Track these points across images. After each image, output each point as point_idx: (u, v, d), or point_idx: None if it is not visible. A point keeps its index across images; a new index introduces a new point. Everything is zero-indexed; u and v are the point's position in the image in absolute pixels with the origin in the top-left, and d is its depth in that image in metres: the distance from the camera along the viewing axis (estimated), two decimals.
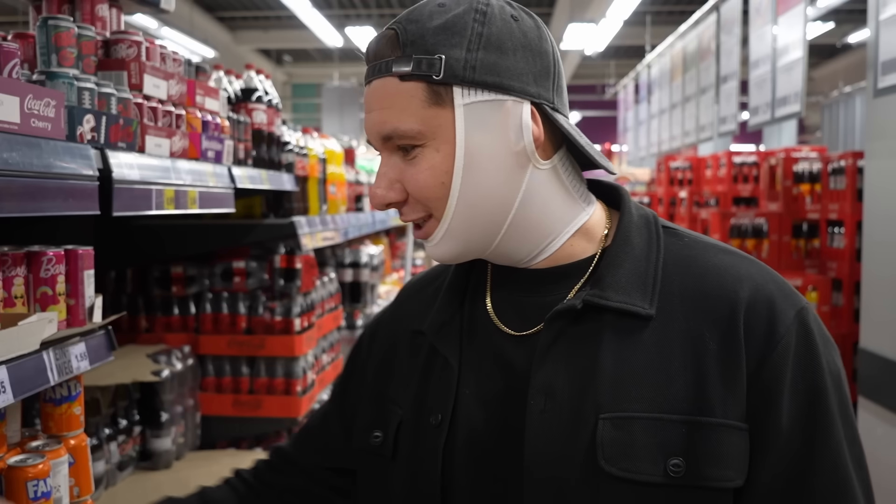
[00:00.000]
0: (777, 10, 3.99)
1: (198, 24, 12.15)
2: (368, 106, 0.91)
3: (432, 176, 0.89)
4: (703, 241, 0.96)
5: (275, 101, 2.41)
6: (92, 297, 1.28)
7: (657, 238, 0.94)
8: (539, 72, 0.90)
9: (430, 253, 0.95)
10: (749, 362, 0.85)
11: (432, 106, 0.87)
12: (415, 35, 0.87)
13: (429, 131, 0.88)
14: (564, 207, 0.94)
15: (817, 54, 14.93)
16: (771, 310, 0.87)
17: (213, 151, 1.80)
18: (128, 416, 2.14)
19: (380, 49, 0.90)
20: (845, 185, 3.77)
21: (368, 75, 0.91)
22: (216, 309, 2.49)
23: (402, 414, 0.99)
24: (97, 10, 1.56)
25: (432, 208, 0.91)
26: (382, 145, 0.91)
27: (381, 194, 0.91)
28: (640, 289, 0.90)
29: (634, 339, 0.88)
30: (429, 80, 0.87)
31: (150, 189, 1.43)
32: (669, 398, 0.85)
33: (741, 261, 0.92)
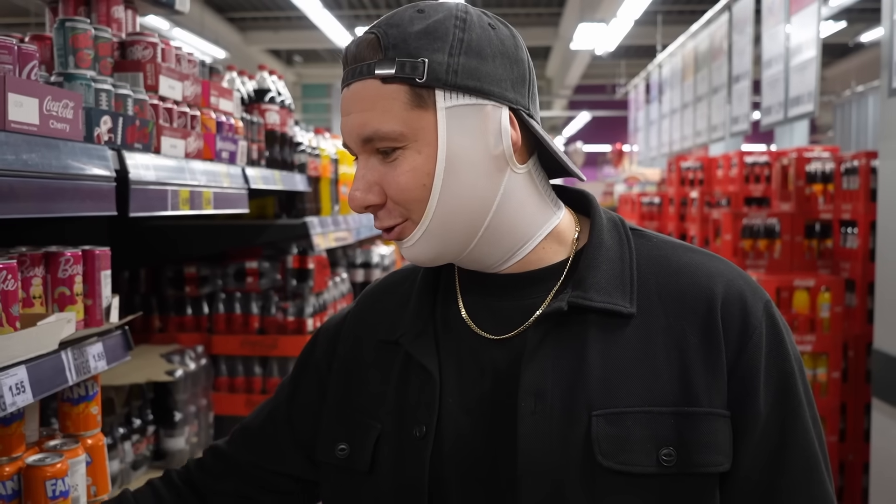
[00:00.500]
0: (790, 9, 3.97)
1: (208, 24, 12.19)
2: (346, 108, 0.91)
3: (414, 178, 0.89)
4: (669, 241, 1.00)
5: (287, 102, 2.42)
6: (109, 297, 1.29)
7: (627, 240, 0.98)
8: (516, 79, 0.92)
9: (405, 254, 0.95)
10: (728, 354, 0.91)
11: (414, 108, 0.88)
12: (397, 39, 0.88)
13: (410, 133, 0.89)
14: (537, 212, 0.96)
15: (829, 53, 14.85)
16: (743, 304, 0.93)
17: (228, 152, 1.80)
18: (142, 416, 2.15)
19: (360, 52, 0.90)
20: (858, 185, 3.75)
21: (347, 78, 0.91)
22: (229, 309, 2.50)
23: (381, 428, 0.98)
24: (113, 11, 1.57)
25: (411, 211, 0.91)
26: (361, 148, 0.91)
27: (360, 196, 0.91)
28: (619, 289, 0.93)
29: (619, 337, 0.91)
30: (412, 83, 0.88)
31: (166, 190, 1.44)
32: (657, 392, 0.89)
33: (709, 259, 0.97)
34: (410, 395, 0.97)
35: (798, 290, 3.78)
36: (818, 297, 3.74)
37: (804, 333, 3.68)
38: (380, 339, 1.02)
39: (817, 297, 3.74)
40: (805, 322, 3.70)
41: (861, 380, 3.75)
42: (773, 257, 4.24)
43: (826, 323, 3.72)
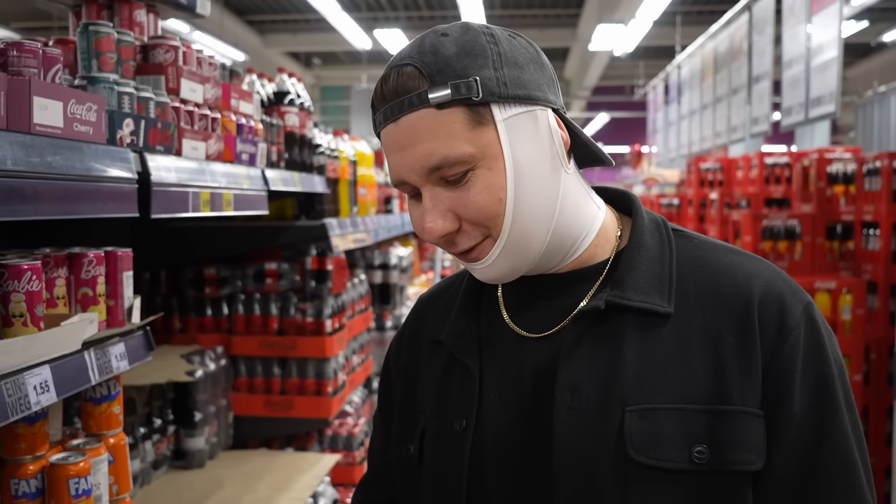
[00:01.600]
0: (811, 9, 3.94)
1: (228, 27, 12.28)
2: (400, 143, 0.90)
3: (490, 195, 0.90)
4: (711, 242, 1.01)
5: (306, 105, 2.43)
6: (131, 297, 1.30)
7: (668, 240, 0.99)
8: (548, 81, 0.95)
9: (481, 275, 0.95)
10: (764, 354, 0.91)
11: (476, 127, 0.89)
12: (439, 64, 0.89)
13: (479, 152, 0.89)
14: (587, 210, 0.99)
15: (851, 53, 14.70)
16: (781, 305, 0.93)
17: (248, 154, 1.81)
18: (162, 416, 2.17)
19: (401, 86, 0.89)
20: (881, 186, 3.71)
21: (392, 114, 0.90)
22: (248, 310, 2.51)
23: (425, 421, 1.02)
24: (135, 15, 1.58)
25: (490, 228, 0.92)
26: (425, 179, 0.90)
27: (439, 227, 0.91)
28: (657, 289, 0.94)
29: (655, 335, 0.93)
30: (468, 103, 0.88)
31: (187, 191, 1.45)
32: (691, 389, 0.90)
33: (749, 260, 0.98)
34: (452, 390, 1.00)
35: (819, 293, 3.75)
36: (840, 300, 3.70)
37: None
38: (430, 339, 1.07)
39: (839, 300, 3.71)
40: None
41: (883, 383, 3.71)
42: (793, 259, 4.21)
43: (848, 325, 3.68)
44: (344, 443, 2.85)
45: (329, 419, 2.54)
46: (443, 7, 12.48)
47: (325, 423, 2.57)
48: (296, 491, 2.17)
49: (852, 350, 3.66)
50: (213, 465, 2.31)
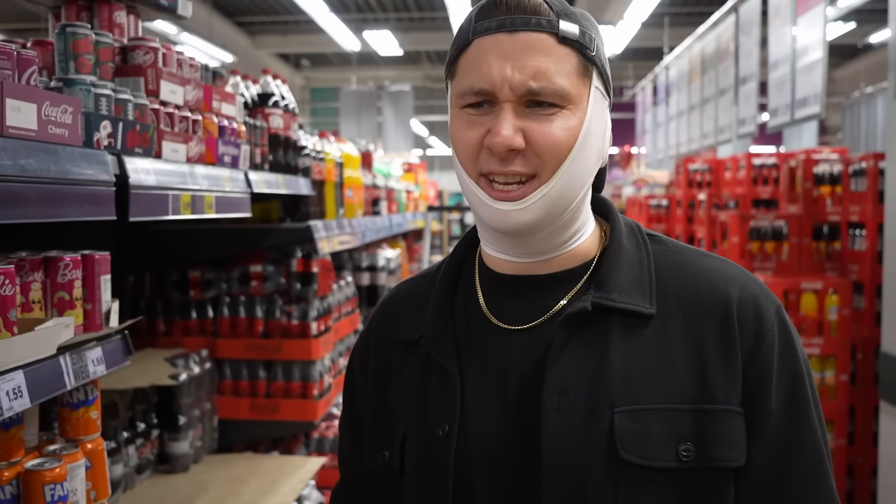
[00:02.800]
0: (796, 10, 3.96)
1: (217, 29, 12.24)
2: (509, 53, 0.90)
3: (567, 136, 0.92)
4: (684, 247, 1.03)
5: (291, 106, 2.42)
6: (108, 301, 1.29)
7: (645, 245, 1.01)
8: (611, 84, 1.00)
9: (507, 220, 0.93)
10: (743, 354, 0.94)
11: (581, 76, 0.93)
12: (567, 10, 0.93)
13: (575, 96, 0.92)
14: (588, 207, 1.02)
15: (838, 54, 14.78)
16: (757, 307, 0.96)
17: (230, 156, 1.80)
18: (146, 420, 2.16)
19: (530, 4, 0.92)
20: (867, 186, 3.73)
21: (513, 25, 0.91)
22: (233, 313, 2.50)
23: (404, 429, 1.00)
24: (115, 17, 1.57)
25: (545, 167, 0.93)
26: (518, 96, 0.91)
27: (509, 136, 0.90)
28: (639, 290, 0.96)
29: (639, 337, 0.94)
30: (584, 53, 0.93)
31: (167, 194, 1.44)
32: (677, 390, 0.92)
33: (723, 264, 1.01)
34: (432, 394, 0.99)
35: (806, 293, 3.76)
36: (826, 300, 3.72)
37: (812, 336, 3.66)
38: (402, 341, 1.04)
39: (825, 300, 3.72)
40: (813, 325, 3.67)
41: (870, 383, 3.72)
42: (780, 259, 4.22)
43: (834, 325, 3.70)
44: (331, 445, 2.84)
45: (315, 422, 2.53)
46: (432, 8, 12.48)
47: (311, 426, 2.56)
48: (281, 495, 2.16)
49: (838, 350, 3.67)
50: (197, 469, 2.29)
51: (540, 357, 0.95)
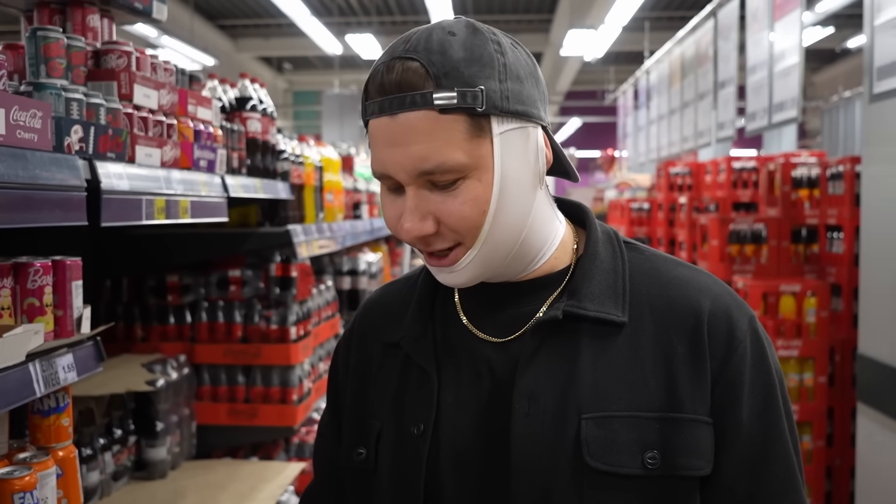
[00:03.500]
0: (774, 15, 3.99)
1: (199, 32, 12.18)
2: (395, 139, 0.88)
3: (475, 206, 0.90)
4: (660, 255, 1.04)
5: (269, 110, 2.41)
6: (80, 307, 1.28)
7: (621, 252, 1.01)
8: (541, 97, 0.95)
9: (447, 280, 0.96)
10: (713, 364, 0.94)
11: (474, 137, 0.89)
12: (447, 67, 0.87)
13: (472, 163, 0.89)
14: (552, 223, 1.01)
15: (817, 59, 14.93)
16: (729, 319, 0.96)
17: (206, 161, 1.79)
18: (123, 426, 2.14)
19: (405, 80, 0.88)
20: (844, 190, 3.76)
21: (391, 107, 0.88)
22: (212, 318, 2.48)
23: (380, 426, 1.02)
24: (88, 20, 1.56)
25: (465, 237, 0.92)
26: (414, 179, 0.89)
27: (415, 228, 0.90)
28: (612, 299, 0.97)
29: (610, 345, 0.95)
30: (471, 113, 0.88)
31: (140, 199, 1.43)
32: (644, 397, 0.93)
33: (698, 274, 1.01)
34: (409, 394, 1.00)
35: (784, 295, 3.79)
36: (804, 302, 3.75)
37: (790, 338, 3.69)
38: (383, 342, 1.06)
39: (803, 302, 3.75)
40: (791, 327, 3.70)
41: (848, 384, 3.75)
42: (759, 262, 4.25)
43: (812, 328, 3.73)
44: (311, 451, 2.82)
45: (294, 427, 2.52)
46: (415, 12, 12.48)
47: (291, 432, 2.55)
48: (259, 501, 2.14)
49: (817, 352, 3.70)
50: (175, 475, 2.28)
51: (513, 363, 0.96)
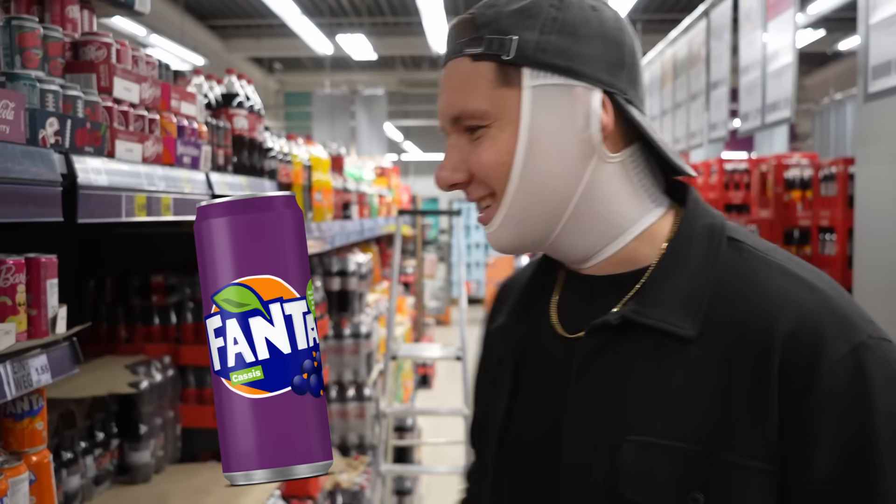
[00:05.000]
0: (767, 15, 3.97)
1: (189, 32, 12.10)
2: (442, 87, 0.93)
3: (495, 154, 0.88)
4: (764, 257, 0.87)
5: (257, 107, 2.37)
6: (55, 307, 1.24)
7: (716, 252, 0.87)
8: (614, 61, 0.88)
9: (489, 241, 0.95)
10: (782, 401, 0.78)
11: (501, 86, 0.87)
12: (490, 17, 0.88)
13: (495, 111, 0.88)
14: (628, 207, 0.90)
15: (808, 62, 14.96)
16: (815, 343, 0.79)
17: (190, 157, 1.75)
18: (105, 429, 2.09)
19: (457, 32, 0.91)
20: (836, 191, 3.74)
21: (444, 58, 0.93)
22: (197, 318, 2.44)
23: (478, 413, 1.06)
24: (67, 11, 1.51)
25: (495, 189, 0.90)
26: (451, 126, 0.92)
27: (445, 176, 0.91)
28: (684, 307, 0.84)
29: (669, 360, 0.84)
30: (499, 61, 0.87)
31: (120, 195, 1.39)
32: (692, 427, 0.81)
33: (797, 284, 0.84)
34: (498, 385, 1.00)
35: None
36: None
37: None
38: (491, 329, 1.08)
39: None
40: None
41: None
42: None
43: None
44: None
45: None
46: (407, 13, 12.44)
47: None
48: None
49: None
50: (159, 479, 2.23)
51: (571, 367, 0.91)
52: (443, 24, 10.08)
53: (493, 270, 14.22)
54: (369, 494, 3.47)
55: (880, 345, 0.79)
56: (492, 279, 14.22)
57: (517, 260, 14.55)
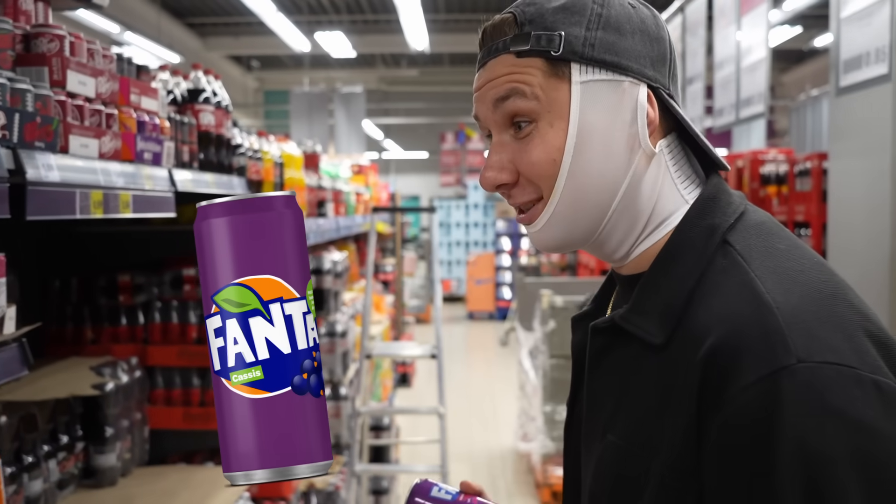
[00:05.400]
0: (741, 10, 3.98)
1: (166, 30, 11.98)
2: (480, 87, 0.91)
3: (544, 152, 0.87)
4: (740, 265, 0.82)
5: (224, 103, 2.33)
6: (3, 307, 1.20)
7: (706, 257, 0.84)
8: (656, 57, 0.89)
9: (533, 240, 0.93)
10: (700, 416, 0.77)
11: (549, 82, 0.87)
12: (533, 14, 0.88)
13: (544, 107, 0.87)
14: (666, 200, 0.90)
15: (785, 59, 15.06)
16: (733, 361, 0.75)
17: (151, 153, 1.71)
18: (69, 432, 2.05)
19: (496, 31, 0.90)
20: (811, 186, 3.76)
21: (482, 58, 0.91)
22: (165, 318, 2.40)
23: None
24: (20, 3, 1.47)
25: (543, 188, 0.89)
26: (495, 123, 0.91)
27: (492, 176, 0.89)
28: (659, 315, 0.84)
29: (641, 365, 0.85)
30: (547, 56, 0.86)
31: (74, 192, 1.35)
32: (642, 433, 0.83)
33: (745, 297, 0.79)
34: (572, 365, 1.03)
35: None
36: None
37: None
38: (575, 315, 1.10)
39: None
40: None
41: None
42: None
43: None
44: None
45: None
46: (386, 10, 12.39)
47: None
48: None
49: None
50: (125, 482, 2.19)
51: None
52: (420, 22, 10.04)
53: (473, 268, 14.21)
54: (344, 495, 3.43)
55: (815, 371, 0.72)
56: (472, 277, 14.22)
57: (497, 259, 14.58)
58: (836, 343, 0.74)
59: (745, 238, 0.85)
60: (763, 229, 0.86)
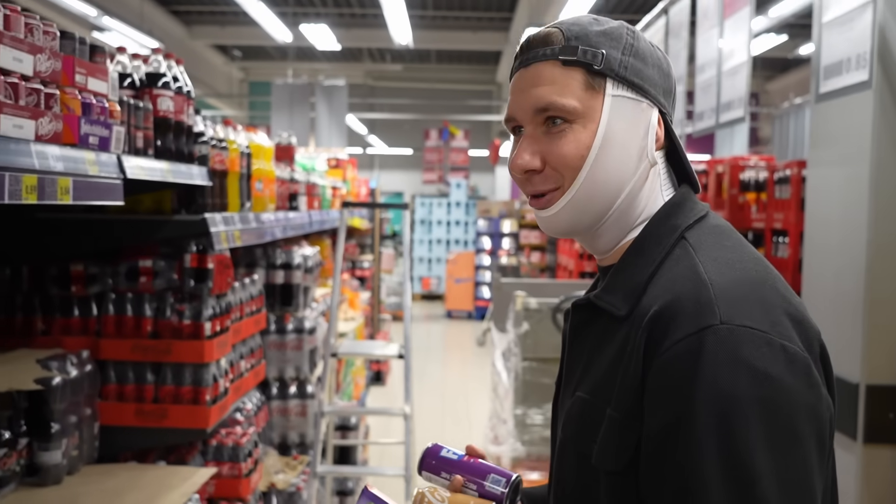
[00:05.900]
0: (723, 13, 3.93)
1: (150, 17, 11.81)
2: (523, 85, 1.05)
3: (576, 148, 1.02)
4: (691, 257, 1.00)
5: (186, 89, 2.24)
6: None
7: (667, 249, 1.02)
8: (666, 89, 1.07)
9: (544, 224, 1.08)
10: (644, 370, 0.94)
11: (588, 90, 1.03)
12: (579, 33, 1.04)
13: (582, 111, 1.02)
14: (652, 205, 1.07)
15: (770, 67, 15.10)
16: (669, 322, 0.93)
17: (97, 137, 1.63)
18: (12, 428, 1.95)
19: (543, 40, 1.05)
20: (790, 194, 3.72)
21: (527, 61, 1.05)
22: (119, 311, 2.30)
23: None
24: None
25: (565, 178, 1.04)
26: (532, 118, 1.04)
27: (524, 161, 1.04)
28: (624, 292, 1.02)
29: (608, 335, 1.02)
30: (589, 69, 1.03)
31: (3, 175, 1.27)
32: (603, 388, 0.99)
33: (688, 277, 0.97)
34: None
35: None
36: None
37: None
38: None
39: None
40: None
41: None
42: None
43: None
44: (229, 454, 2.65)
45: (207, 430, 2.35)
46: (373, 5, 12.29)
47: (203, 434, 2.38)
48: None
49: None
50: (71, 481, 2.10)
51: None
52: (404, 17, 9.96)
53: (453, 267, 14.14)
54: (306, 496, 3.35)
55: (734, 331, 0.89)
56: (452, 276, 14.14)
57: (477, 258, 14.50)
58: (756, 314, 0.91)
59: (700, 235, 1.03)
60: (717, 230, 1.04)
